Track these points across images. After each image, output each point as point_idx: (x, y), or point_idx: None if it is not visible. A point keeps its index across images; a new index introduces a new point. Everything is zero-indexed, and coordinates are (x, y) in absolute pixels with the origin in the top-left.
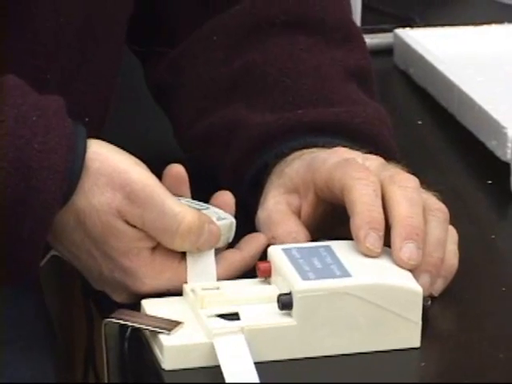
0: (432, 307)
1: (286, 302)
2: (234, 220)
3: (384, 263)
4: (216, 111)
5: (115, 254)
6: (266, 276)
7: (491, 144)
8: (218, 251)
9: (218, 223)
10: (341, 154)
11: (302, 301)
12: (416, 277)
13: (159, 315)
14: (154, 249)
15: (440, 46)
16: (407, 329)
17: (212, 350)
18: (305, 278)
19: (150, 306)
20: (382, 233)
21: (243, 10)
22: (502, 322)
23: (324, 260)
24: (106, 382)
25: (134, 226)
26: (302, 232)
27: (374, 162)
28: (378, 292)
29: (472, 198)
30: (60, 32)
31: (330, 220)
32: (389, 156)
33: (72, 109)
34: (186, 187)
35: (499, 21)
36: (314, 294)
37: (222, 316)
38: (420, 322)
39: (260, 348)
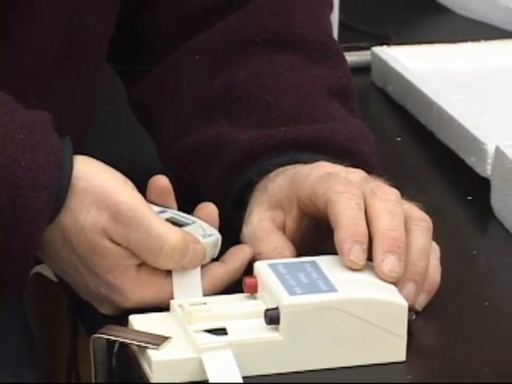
0: (416, 321)
1: (272, 317)
2: (219, 236)
3: (369, 278)
4: (199, 129)
5: (101, 270)
6: (253, 291)
7: (471, 160)
8: (202, 265)
9: (204, 241)
10: (323, 168)
11: (288, 315)
12: (401, 286)
13: (147, 330)
14: (139, 266)
15: (417, 64)
16: (393, 343)
17: (200, 365)
18: (291, 293)
19: (138, 322)
20: (365, 246)
21: (225, 28)
22: (485, 336)
23: (310, 275)
24: None
25: (120, 245)
26: (287, 247)
27: (356, 175)
28: (363, 307)
29: (452, 214)
30: (41, 53)
31: (314, 234)
32: (371, 171)
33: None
34: (171, 198)
35: (476, 38)
36: (300, 309)
37: (209, 331)
38: (405, 336)
39: (247, 362)
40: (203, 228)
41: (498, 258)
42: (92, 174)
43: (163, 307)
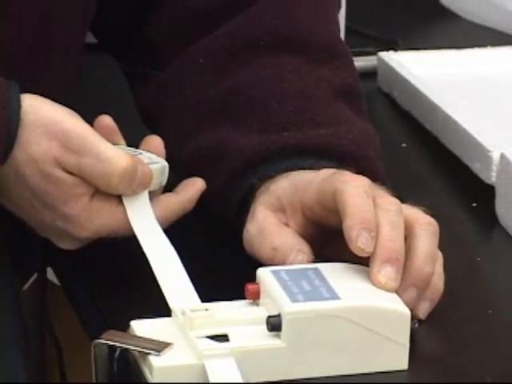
0: (419, 329)
1: (275, 324)
2: (166, 164)
3: (372, 286)
4: (202, 133)
5: (55, 202)
6: (255, 298)
7: (475, 167)
8: (153, 195)
9: (151, 166)
10: (327, 172)
11: (290, 323)
12: (402, 291)
13: (148, 336)
14: (92, 195)
15: (424, 69)
16: (395, 351)
17: (201, 371)
18: (294, 300)
19: (139, 327)
20: (374, 233)
21: (229, 31)
22: (488, 344)
23: (313, 282)
24: None
25: (72, 174)
26: (305, 244)
27: None
28: (366, 314)
29: (457, 221)
30: (14, 40)
31: (317, 240)
32: (375, 177)
33: None
34: (118, 135)
35: (482, 44)
36: (302, 316)
37: (211, 337)
38: (408, 345)
39: (249, 369)
40: (150, 157)
41: (502, 265)
42: (40, 107)
43: (117, 236)
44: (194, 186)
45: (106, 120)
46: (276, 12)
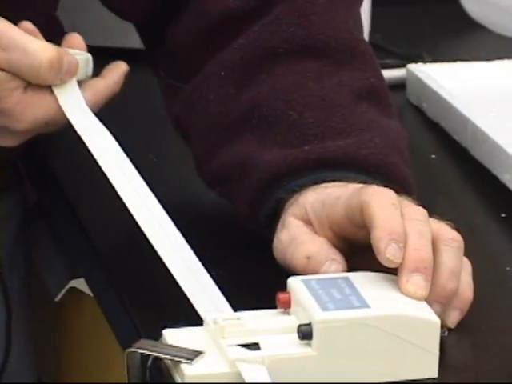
0: (448, 338)
1: (305, 333)
2: (89, 55)
3: (401, 294)
4: (227, 147)
5: None
6: (286, 307)
7: (505, 177)
8: (81, 84)
9: (76, 57)
10: (354, 187)
11: (321, 331)
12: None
13: (180, 345)
14: (25, 88)
15: (452, 81)
16: (425, 359)
17: (233, 379)
18: (324, 308)
19: (171, 336)
20: (402, 244)
21: (246, 43)
22: None
23: (343, 291)
24: None
25: (3, 70)
26: (338, 253)
27: None
28: (396, 323)
29: (485, 231)
30: None
31: (345, 252)
32: (401, 186)
33: None
34: (38, 35)
35: (511, 57)
36: (333, 325)
37: (242, 346)
38: (437, 353)
39: (280, 377)
40: (74, 52)
41: None
42: None
43: (55, 127)
44: (118, 69)
45: (28, 25)
46: (291, 19)
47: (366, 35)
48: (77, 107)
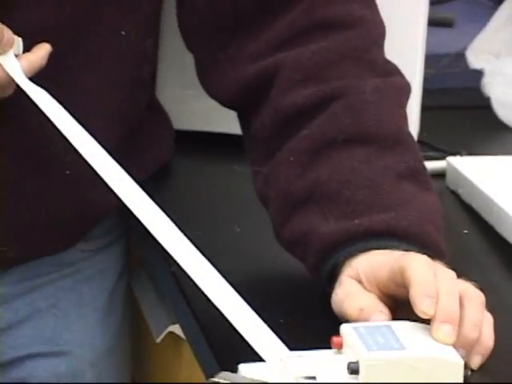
0: (471, 377)
1: (354, 369)
2: (20, 38)
3: (433, 340)
4: (295, 218)
5: None
6: (339, 348)
7: None
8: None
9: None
10: (397, 253)
11: (367, 368)
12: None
13: (253, 377)
14: None
15: (483, 172)
16: None
17: None
18: (370, 349)
19: (245, 369)
20: (435, 300)
21: (310, 134)
22: None
23: (385, 336)
24: None
25: None
26: (384, 306)
27: None
28: (426, 363)
29: (506, 291)
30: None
31: (389, 305)
32: (433, 251)
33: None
34: None
35: None
36: (376, 363)
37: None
38: None
39: None
40: None
41: None
42: None
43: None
44: (44, 46)
45: None
46: (347, 114)
47: (414, 134)
48: (18, 73)
